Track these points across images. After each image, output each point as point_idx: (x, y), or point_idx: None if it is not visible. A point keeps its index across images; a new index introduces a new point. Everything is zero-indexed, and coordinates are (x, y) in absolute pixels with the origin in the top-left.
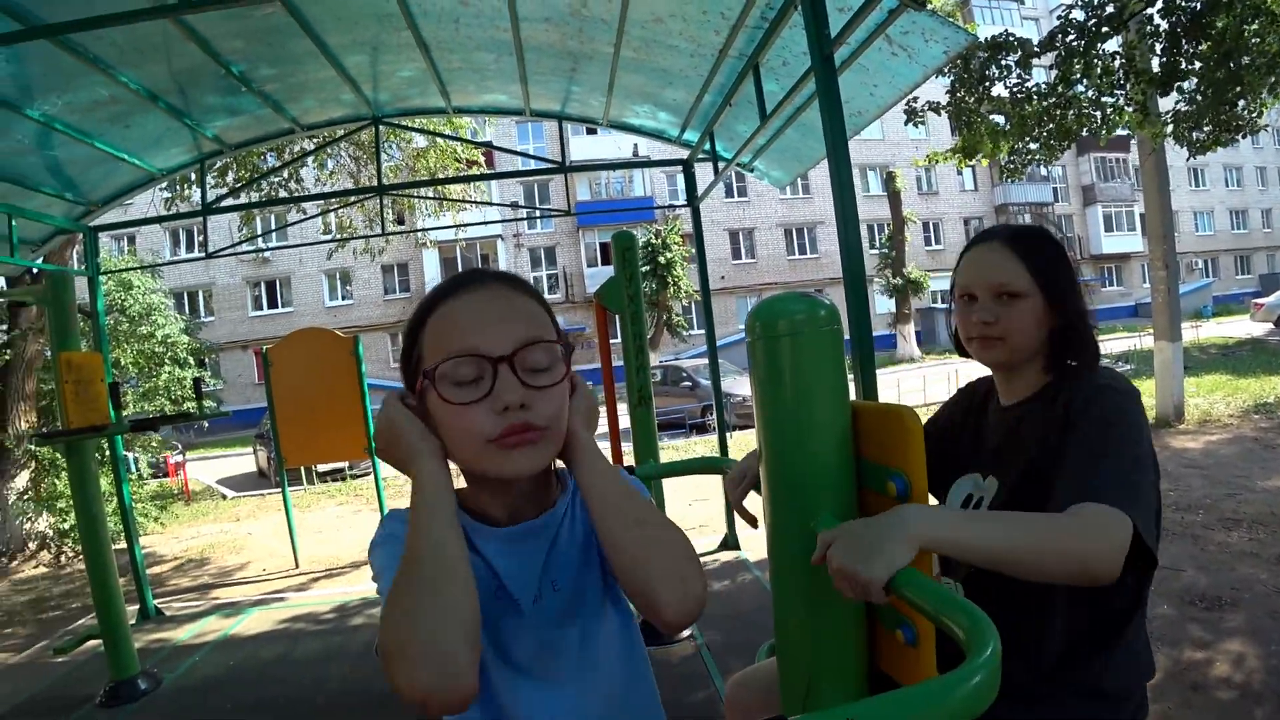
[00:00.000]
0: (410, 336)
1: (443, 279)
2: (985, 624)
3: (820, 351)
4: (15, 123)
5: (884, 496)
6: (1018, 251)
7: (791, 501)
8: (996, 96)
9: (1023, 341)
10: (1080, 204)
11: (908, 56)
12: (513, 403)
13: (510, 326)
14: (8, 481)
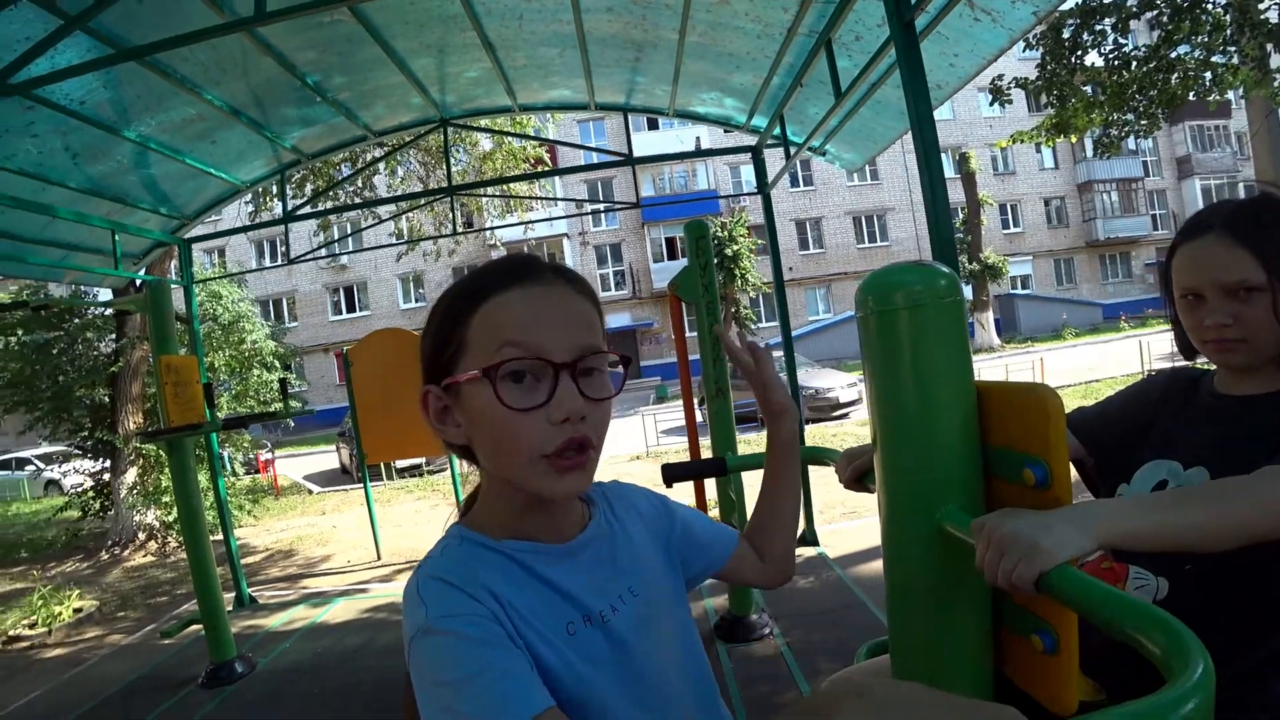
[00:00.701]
0: (453, 323)
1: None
2: (1191, 641)
3: (941, 326)
4: (116, 144)
5: (1018, 486)
6: (1242, 237)
7: (911, 492)
8: (1090, 66)
9: (1264, 341)
10: (1175, 177)
11: (991, 21)
12: (573, 414)
13: (574, 332)
14: (119, 477)
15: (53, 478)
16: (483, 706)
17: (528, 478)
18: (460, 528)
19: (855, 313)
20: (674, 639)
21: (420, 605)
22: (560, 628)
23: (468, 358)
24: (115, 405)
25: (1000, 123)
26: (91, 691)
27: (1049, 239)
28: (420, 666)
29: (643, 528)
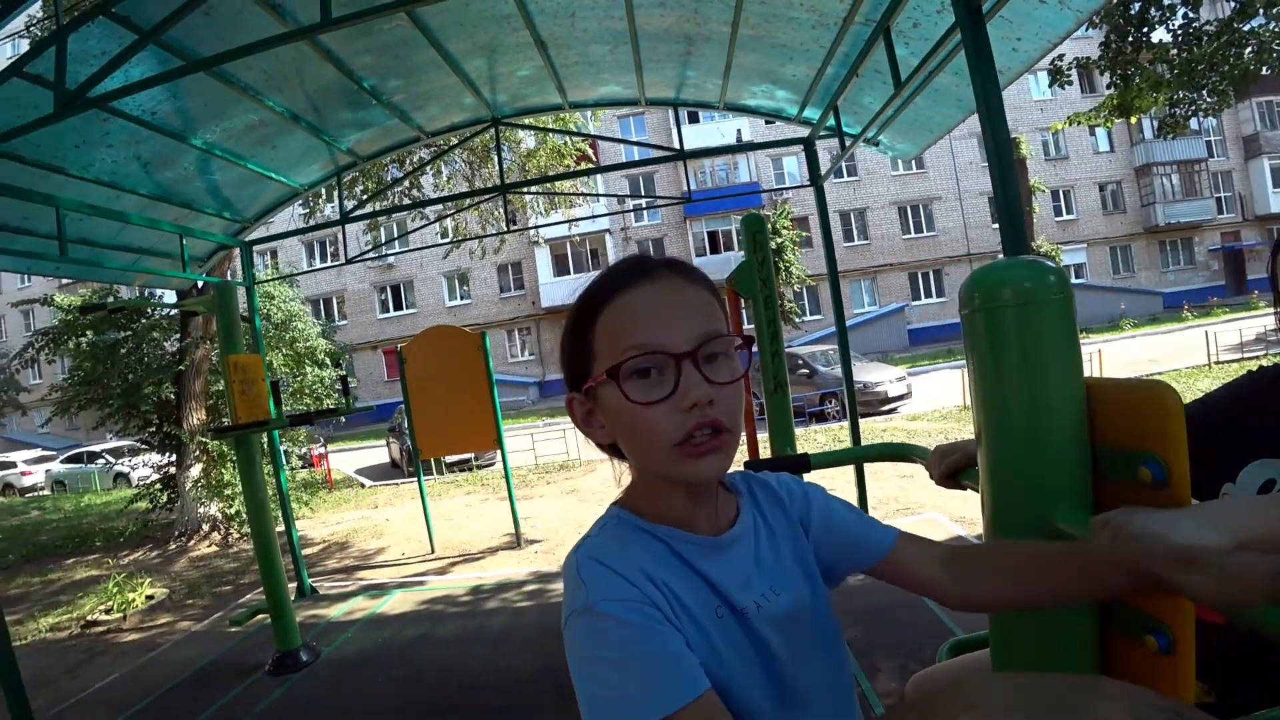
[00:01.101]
0: (579, 334)
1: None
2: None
3: (1051, 322)
4: (183, 152)
5: (1133, 485)
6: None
7: (1020, 490)
8: (1157, 43)
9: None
10: (1241, 157)
11: (1058, 2)
12: (700, 399)
13: (690, 321)
14: (185, 471)
15: (122, 471)
16: (646, 687)
17: (667, 466)
18: (618, 508)
19: (960, 310)
20: (814, 639)
21: (581, 586)
22: (710, 612)
23: (597, 363)
24: (180, 402)
25: (1051, 106)
26: (167, 675)
27: (1104, 226)
28: (580, 644)
29: (785, 522)
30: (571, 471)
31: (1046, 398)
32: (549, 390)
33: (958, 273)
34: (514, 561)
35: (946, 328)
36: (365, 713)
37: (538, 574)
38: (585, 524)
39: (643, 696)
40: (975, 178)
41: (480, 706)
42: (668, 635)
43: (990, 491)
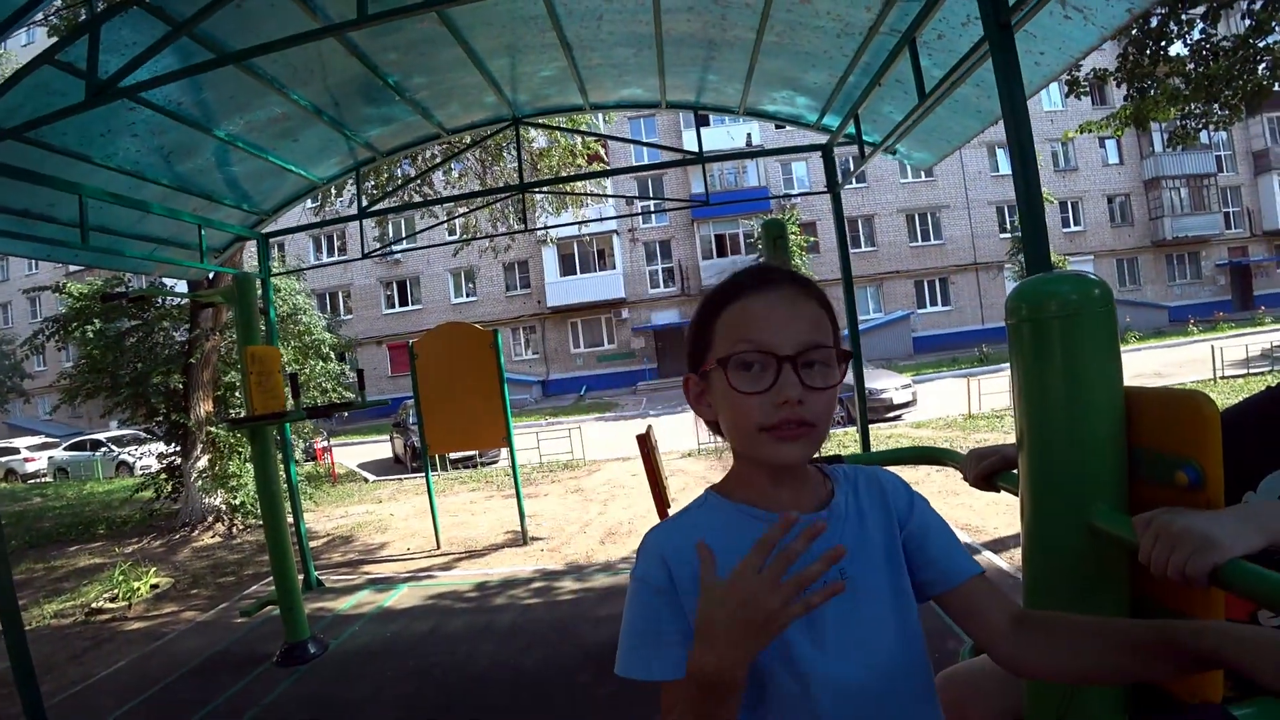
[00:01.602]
0: (702, 324)
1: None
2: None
3: (1094, 334)
4: (205, 143)
5: (1169, 488)
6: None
7: (1061, 490)
8: (1175, 57)
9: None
10: (1250, 173)
11: (1083, 19)
12: (791, 398)
13: (797, 329)
14: (190, 461)
15: (124, 460)
16: (641, 654)
17: (754, 447)
18: (709, 491)
19: (1006, 320)
20: (882, 628)
21: (639, 559)
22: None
23: (713, 351)
24: (188, 392)
25: (1061, 118)
26: (172, 665)
27: (1112, 238)
28: (628, 600)
29: (882, 516)
30: (576, 471)
31: (1088, 404)
32: (552, 389)
33: (963, 281)
34: (519, 559)
35: (952, 336)
36: (376, 705)
37: (544, 571)
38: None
39: (637, 659)
40: (984, 187)
41: (489, 703)
42: (667, 623)
43: (1030, 493)
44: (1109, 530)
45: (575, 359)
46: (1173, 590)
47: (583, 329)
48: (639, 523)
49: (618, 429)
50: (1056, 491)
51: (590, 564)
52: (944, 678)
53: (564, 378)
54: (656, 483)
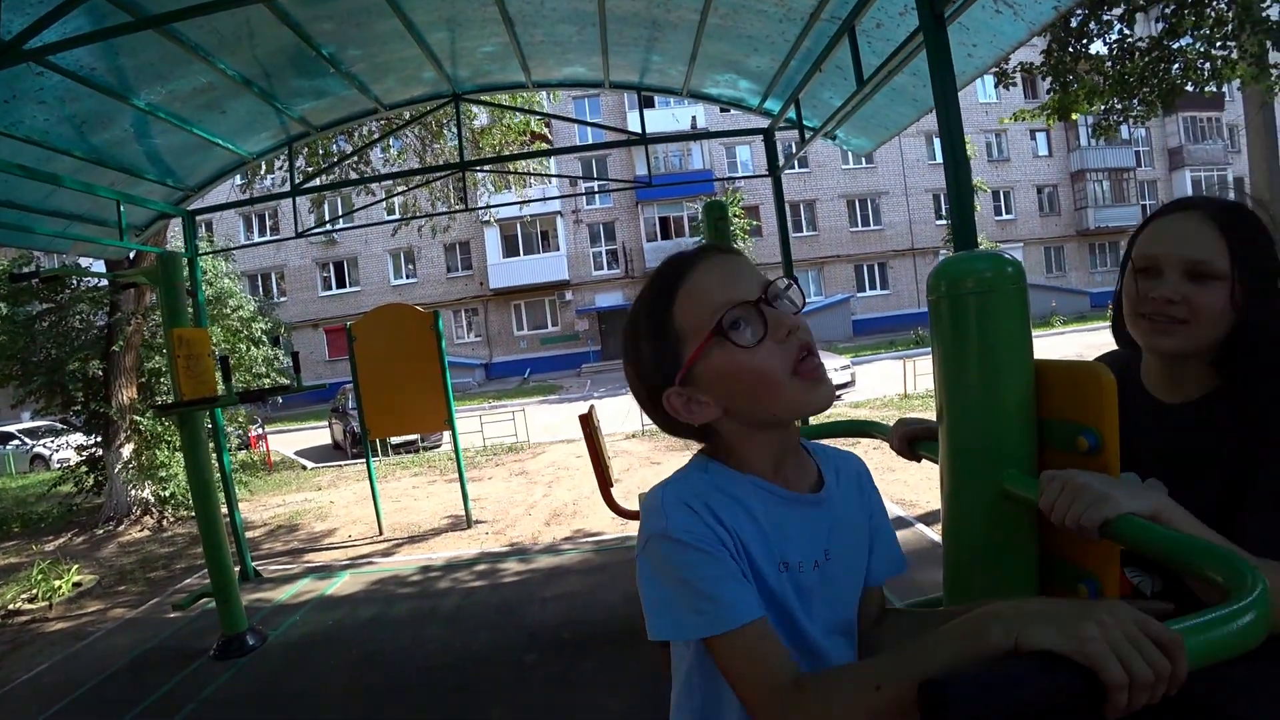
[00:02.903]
0: (659, 326)
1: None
2: (1246, 566)
3: (1008, 309)
4: (123, 113)
5: (1071, 454)
6: (1223, 226)
7: (976, 458)
8: (1094, 54)
9: (1208, 330)
10: (1166, 168)
11: (1013, 14)
12: (791, 325)
13: (748, 275)
14: (113, 452)
15: (40, 452)
16: (712, 605)
17: (790, 398)
18: (705, 458)
19: (927, 296)
20: (854, 608)
21: (663, 516)
22: (773, 563)
23: (688, 342)
24: (109, 379)
25: (996, 109)
26: (100, 664)
27: (1040, 227)
28: (657, 561)
29: (859, 500)
30: (520, 454)
31: (1002, 376)
32: (496, 372)
33: (902, 266)
34: (463, 542)
35: (890, 319)
36: (320, 696)
37: (488, 554)
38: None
39: (707, 611)
40: (922, 175)
41: (438, 686)
42: (730, 566)
43: (948, 460)
44: (1019, 493)
45: (519, 341)
46: (1075, 547)
47: (526, 311)
48: (584, 504)
49: (562, 411)
50: (972, 458)
51: (535, 546)
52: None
53: (508, 360)
54: (599, 463)
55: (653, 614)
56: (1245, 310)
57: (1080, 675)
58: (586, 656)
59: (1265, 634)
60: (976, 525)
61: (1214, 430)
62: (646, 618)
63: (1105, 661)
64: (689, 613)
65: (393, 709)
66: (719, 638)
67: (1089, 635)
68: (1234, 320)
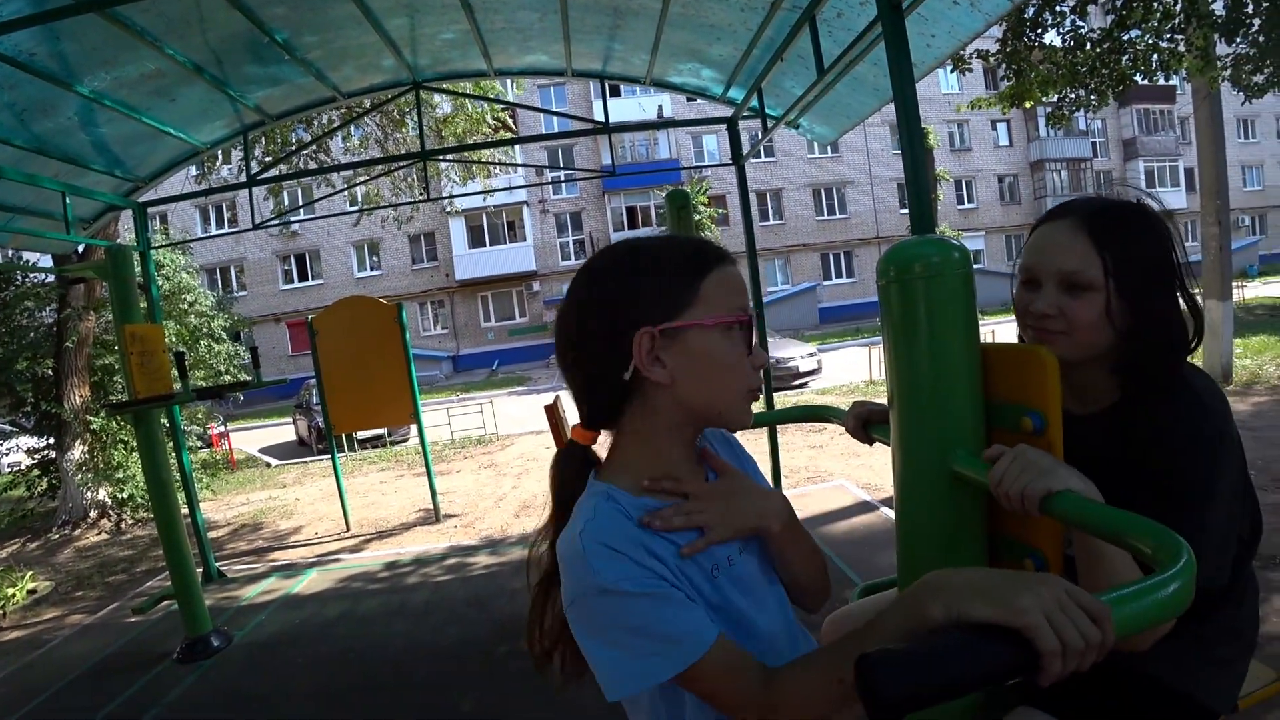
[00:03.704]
0: (687, 278)
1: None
2: (1176, 539)
3: (955, 293)
4: (66, 100)
5: (1017, 434)
6: (1094, 234)
7: (925, 440)
8: (1048, 45)
9: (1086, 340)
10: (1120, 159)
11: (970, 5)
12: (765, 362)
13: (745, 296)
14: (67, 454)
15: None
16: (674, 638)
17: (732, 408)
18: (606, 486)
19: (877, 281)
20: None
21: (590, 571)
22: (705, 572)
23: (698, 309)
24: (60, 378)
25: (958, 99)
26: (59, 672)
27: (1001, 215)
28: (598, 618)
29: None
30: (489, 446)
31: (949, 359)
32: (463, 365)
33: (867, 254)
34: (431, 537)
35: (856, 306)
36: (288, 695)
37: (457, 548)
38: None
39: (669, 650)
40: (886, 164)
41: (408, 682)
42: (675, 597)
43: (900, 442)
44: (967, 474)
45: (486, 333)
46: (1021, 525)
47: (493, 302)
48: None
49: (531, 403)
50: (922, 440)
51: (505, 538)
52: (833, 620)
53: (475, 352)
54: None
55: (609, 671)
56: (1122, 319)
57: (1015, 643)
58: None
59: (1189, 603)
60: (927, 505)
61: (1118, 444)
62: (599, 676)
63: (1040, 630)
64: (648, 658)
65: (362, 706)
66: (683, 673)
67: (1023, 605)
68: (1122, 329)
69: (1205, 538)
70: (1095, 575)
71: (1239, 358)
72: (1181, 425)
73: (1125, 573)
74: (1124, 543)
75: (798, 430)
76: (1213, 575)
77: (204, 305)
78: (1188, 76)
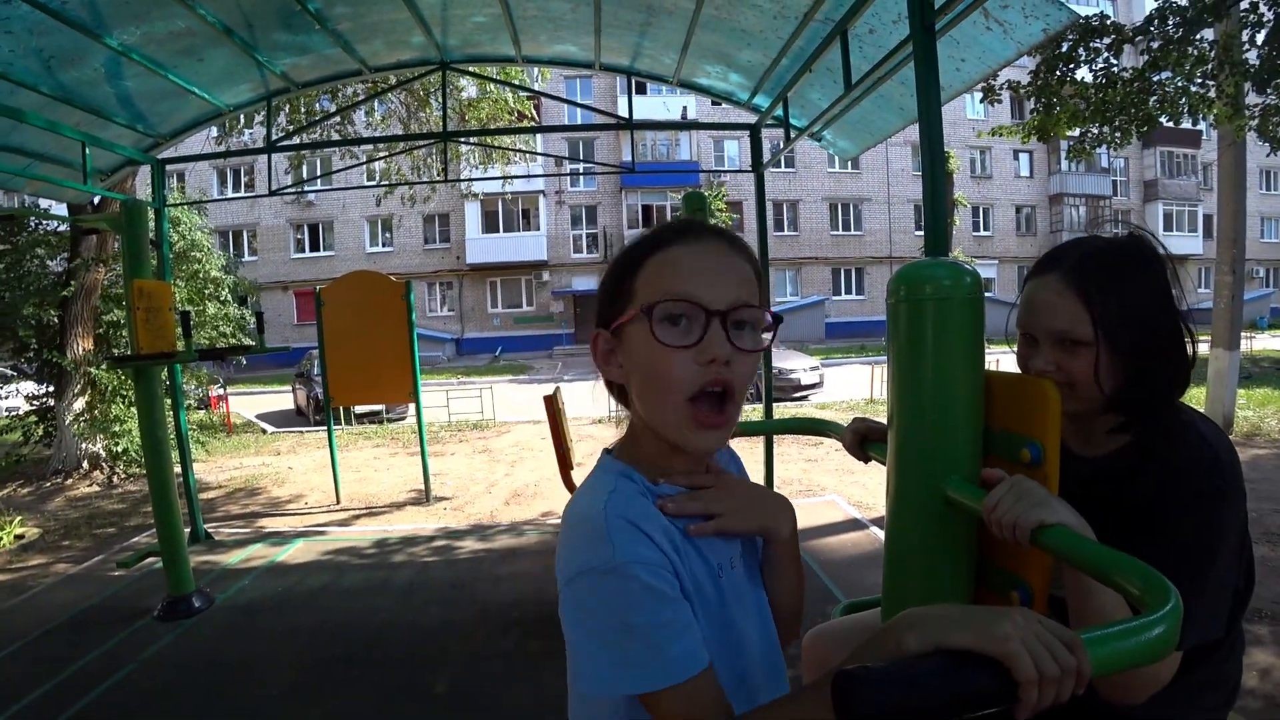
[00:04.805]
0: (624, 273)
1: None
2: (1164, 582)
3: (963, 318)
4: (94, 51)
5: (1014, 464)
6: (1081, 289)
7: (921, 462)
8: (1079, 80)
9: (1088, 393)
10: (1140, 199)
11: (1003, 32)
12: (719, 356)
13: (728, 284)
14: (66, 404)
15: None
16: (655, 656)
17: (669, 422)
18: (621, 464)
19: (886, 299)
20: (757, 606)
21: (607, 545)
22: (711, 572)
23: (634, 302)
24: (65, 328)
25: (982, 126)
26: (40, 619)
27: (1016, 246)
28: (595, 601)
29: None
30: (485, 431)
31: (953, 383)
32: (466, 348)
33: (878, 273)
34: (421, 517)
35: (863, 324)
36: (263, 662)
37: (445, 530)
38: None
39: (651, 664)
40: (905, 185)
41: (386, 658)
42: (681, 607)
43: (895, 464)
44: (961, 500)
45: (492, 319)
46: (1010, 555)
47: (502, 289)
48: (545, 485)
49: (531, 392)
50: (918, 461)
51: (494, 524)
52: (814, 635)
53: (479, 337)
54: (561, 445)
55: (585, 663)
56: (1112, 375)
57: (994, 671)
58: (534, 636)
59: (1172, 648)
60: (918, 528)
61: (1123, 488)
62: (574, 665)
63: (1018, 658)
64: (627, 666)
65: (338, 678)
66: (655, 693)
67: (1002, 633)
68: (1119, 381)
69: (1206, 591)
70: (1085, 614)
71: (1241, 409)
72: (1191, 477)
73: (1115, 613)
74: (1113, 582)
75: (794, 442)
76: (1210, 628)
77: (214, 267)
78: (1215, 123)
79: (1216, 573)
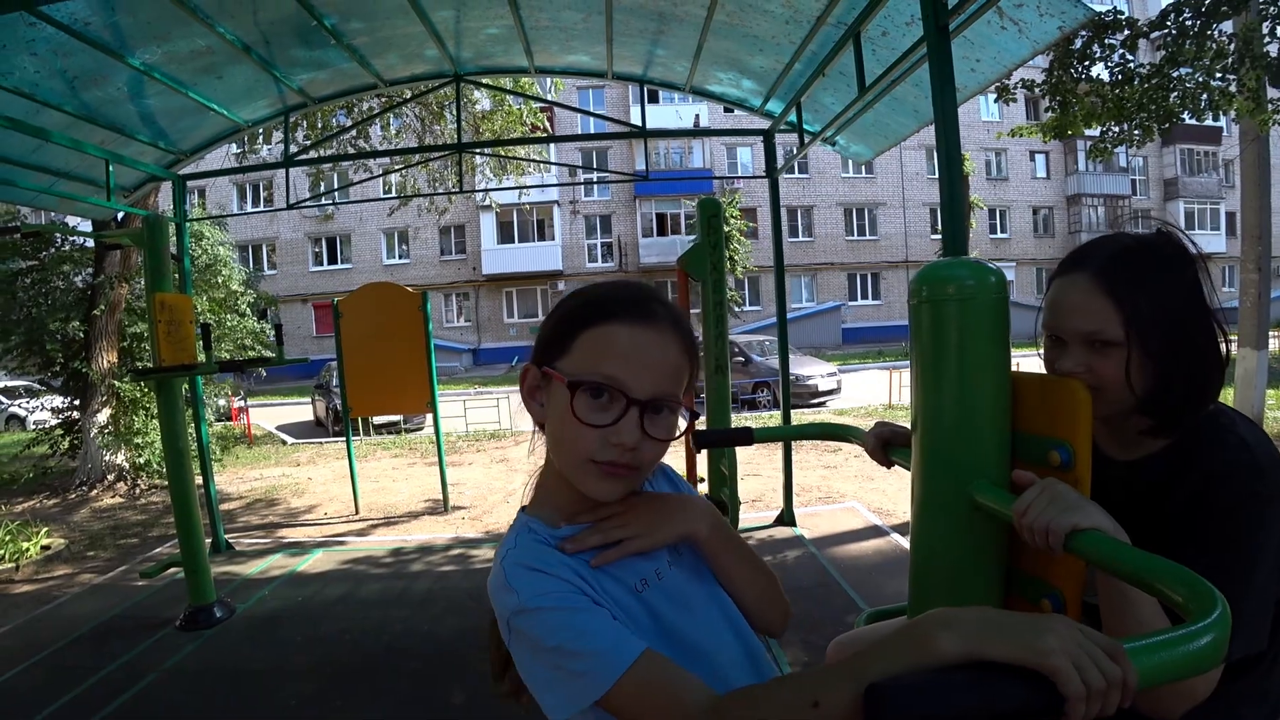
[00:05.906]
0: (567, 327)
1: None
2: (1209, 588)
3: (988, 318)
4: (117, 71)
5: (1043, 467)
6: (1111, 288)
7: (947, 467)
8: (1095, 77)
9: (1119, 395)
10: (1161, 198)
11: (1018, 31)
12: (627, 443)
13: (658, 375)
14: (90, 416)
15: (15, 412)
16: (594, 660)
17: (575, 475)
18: (526, 519)
19: (909, 300)
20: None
21: (512, 593)
22: (628, 588)
23: (567, 361)
24: (90, 341)
25: (999, 128)
26: (65, 629)
27: (1034, 247)
28: (524, 641)
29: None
30: (502, 440)
31: (978, 385)
32: (483, 358)
33: (895, 278)
34: (439, 526)
35: (880, 329)
36: (283, 671)
37: (463, 539)
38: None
39: (588, 670)
40: (920, 188)
41: (403, 669)
42: (596, 612)
43: (920, 468)
44: (989, 504)
45: (508, 329)
46: (1041, 562)
47: (518, 299)
48: None
49: None
50: (943, 466)
51: None
52: (837, 644)
53: (496, 347)
54: None
55: (543, 695)
56: (1145, 376)
57: (1038, 686)
58: None
59: (1221, 658)
60: (944, 534)
61: (1161, 493)
62: (539, 702)
63: (1065, 673)
64: (572, 680)
65: (356, 688)
66: (609, 692)
67: (1048, 647)
68: (1143, 385)
69: (1251, 601)
70: (1122, 622)
71: (1271, 409)
72: (1232, 481)
73: (1153, 622)
74: (1153, 588)
75: (812, 449)
76: (1255, 639)
77: (233, 279)
78: (1237, 118)
79: (1260, 581)
